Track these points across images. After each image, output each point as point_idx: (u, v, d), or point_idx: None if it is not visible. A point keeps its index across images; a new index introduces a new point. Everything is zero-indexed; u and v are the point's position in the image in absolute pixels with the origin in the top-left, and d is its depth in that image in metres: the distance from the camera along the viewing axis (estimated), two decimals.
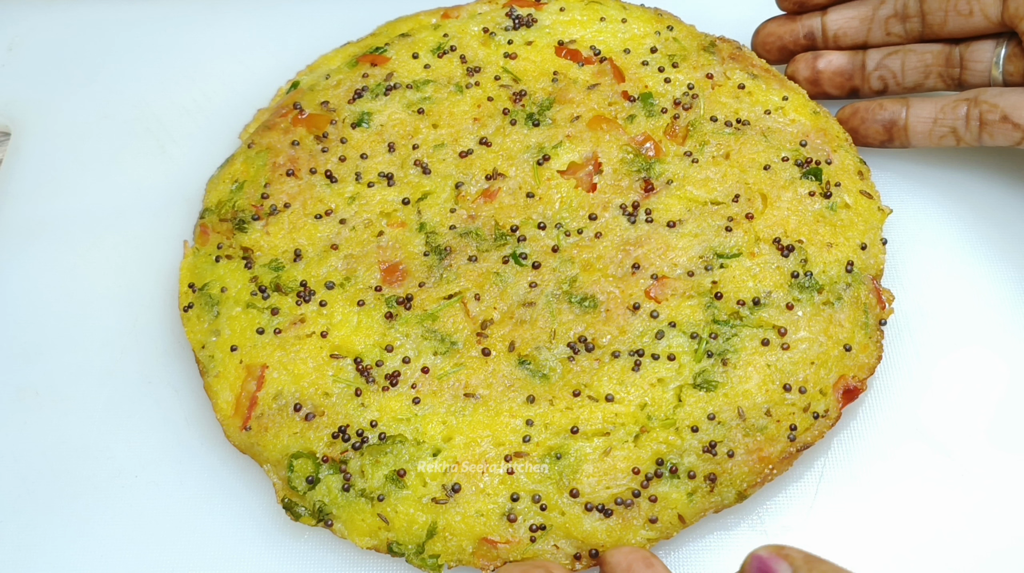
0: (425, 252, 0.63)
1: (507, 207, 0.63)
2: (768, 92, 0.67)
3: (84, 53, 0.78)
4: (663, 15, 0.71)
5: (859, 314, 0.60)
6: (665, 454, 0.56)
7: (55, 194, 0.72)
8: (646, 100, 0.66)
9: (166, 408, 0.64)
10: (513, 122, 0.66)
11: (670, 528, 0.56)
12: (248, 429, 0.59)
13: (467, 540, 0.56)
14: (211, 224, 0.66)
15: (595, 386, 0.58)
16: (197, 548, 0.59)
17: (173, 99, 0.76)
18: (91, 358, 0.66)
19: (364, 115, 0.67)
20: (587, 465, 0.56)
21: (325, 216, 0.64)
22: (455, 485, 0.56)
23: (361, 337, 0.60)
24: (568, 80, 0.67)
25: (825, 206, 0.63)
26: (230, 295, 0.62)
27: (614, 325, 0.60)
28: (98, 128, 0.75)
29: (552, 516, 0.56)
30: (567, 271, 0.61)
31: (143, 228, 0.70)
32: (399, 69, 0.69)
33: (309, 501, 0.57)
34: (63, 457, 0.62)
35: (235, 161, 0.68)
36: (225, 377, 0.61)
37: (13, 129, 0.75)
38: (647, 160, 0.64)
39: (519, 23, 0.70)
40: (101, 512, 0.61)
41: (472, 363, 0.59)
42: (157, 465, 0.62)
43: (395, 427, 0.58)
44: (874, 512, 0.58)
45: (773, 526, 0.58)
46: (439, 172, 0.65)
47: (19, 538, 0.60)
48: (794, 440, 0.57)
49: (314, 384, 0.59)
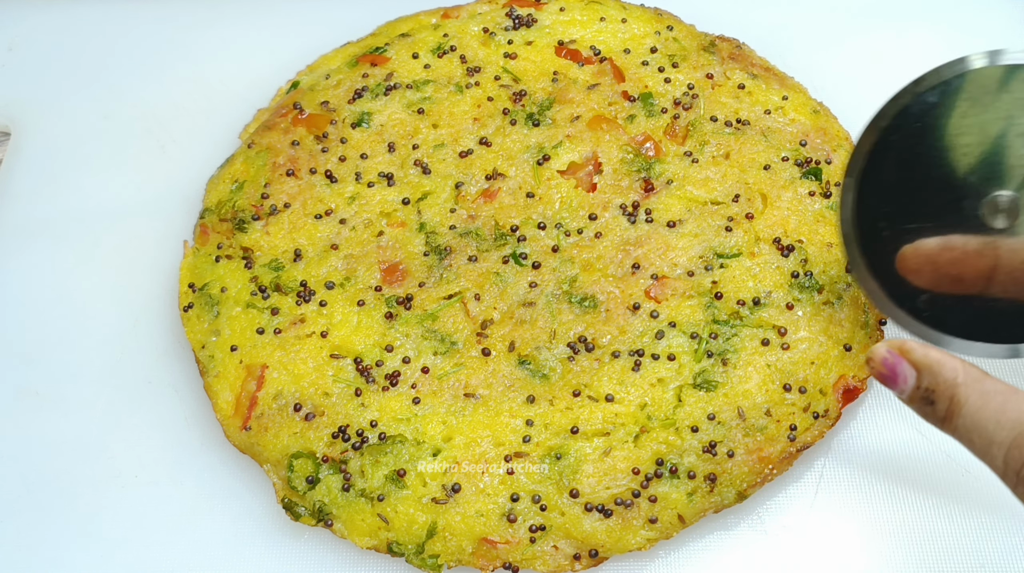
0: (425, 252, 0.63)
1: (507, 207, 0.63)
2: (768, 92, 0.67)
3: (84, 53, 0.78)
4: (663, 15, 0.71)
5: (859, 314, 0.60)
6: (665, 454, 0.56)
7: (55, 194, 0.72)
8: (646, 100, 0.66)
9: (166, 408, 0.64)
10: (513, 122, 0.66)
11: (670, 528, 0.56)
12: (248, 429, 0.59)
13: (467, 540, 0.56)
14: (211, 224, 0.66)
15: (595, 386, 0.58)
16: (197, 548, 0.59)
17: (173, 99, 0.76)
18: (91, 358, 0.66)
19: (364, 115, 0.67)
20: (587, 465, 0.56)
21: (325, 216, 0.64)
22: (455, 485, 0.56)
23: (361, 337, 0.60)
24: (568, 80, 0.67)
25: (825, 206, 0.63)
26: (230, 295, 0.62)
27: (614, 325, 0.59)
28: (98, 128, 0.75)
29: (552, 516, 0.56)
30: (567, 271, 0.61)
31: (143, 228, 0.70)
32: (399, 69, 0.69)
33: (309, 501, 0.57)
34: (63, 457, 0.62)
35: (235, 161, 0.68)
36: (225, 377, 0.61)
37: (13, 129, 0.75)
38: (647, 160, 0.64)
39: (519, 23, 0.70)
40: (101, 512, 0.61)
41: (472, 363, 0.59)
42: (157, 465, 0.62)
43: (395, 427, 0.58)
44: (874, 512, 0.58)
45: (773, 526, 0.58)
46: (439, 172, 0.65)
47: (19, 538, 0.60)
48: (794, 440, 0.57)
49: (314, 384, 0.59)
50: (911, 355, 0.46)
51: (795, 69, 0.72)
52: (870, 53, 0.74)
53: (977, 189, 0.48)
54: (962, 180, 0.49)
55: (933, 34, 0.75)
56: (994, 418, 0.42)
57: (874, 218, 0.51)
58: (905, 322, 0.51)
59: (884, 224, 0.51)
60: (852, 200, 0.51)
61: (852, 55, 0.74)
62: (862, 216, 0.51)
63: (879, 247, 0.51)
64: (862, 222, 0.51)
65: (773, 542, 0.58)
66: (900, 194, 0.50)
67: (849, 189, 0.51)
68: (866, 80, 0.72)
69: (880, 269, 0.51)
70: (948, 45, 0.74)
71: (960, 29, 0.75)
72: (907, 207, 0.50)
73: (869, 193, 0.51)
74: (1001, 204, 0.48)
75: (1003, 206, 0.48)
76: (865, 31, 0.75)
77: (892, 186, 0.50)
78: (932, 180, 0.49)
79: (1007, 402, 0.43)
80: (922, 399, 0.45)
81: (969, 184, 0.48)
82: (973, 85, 0.48)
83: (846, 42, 0.75)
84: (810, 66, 0.72)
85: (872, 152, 0.50)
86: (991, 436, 0.42)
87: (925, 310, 0.50)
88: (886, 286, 0.51)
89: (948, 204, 0.49)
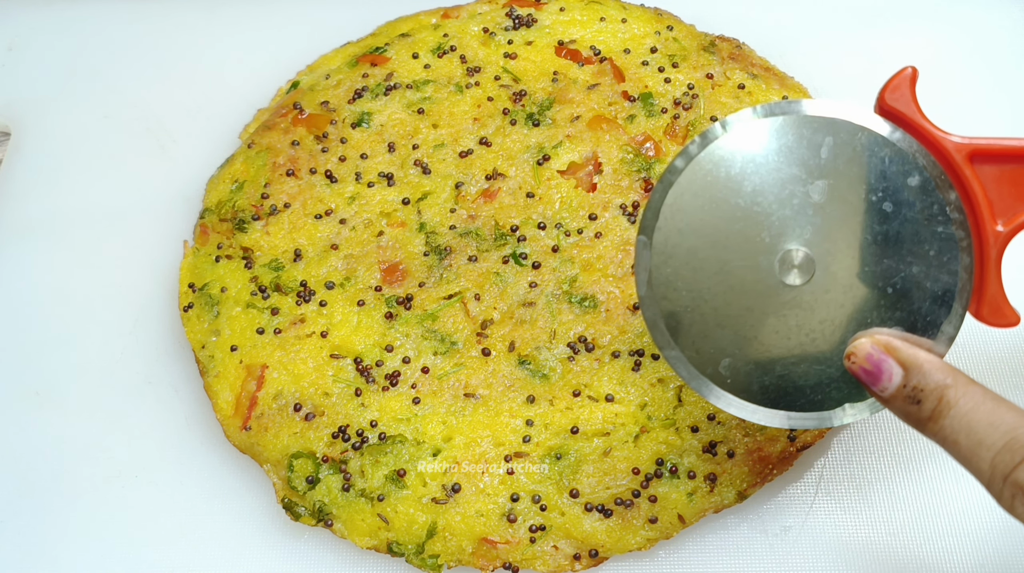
0: (425, 252, 0.63)
1: (507, 207, 0.63)
2: (768, 92, 0.67)
3: (84, 53, 0.78)
4: (663, 15, 0.71)
5: None
6: (665, 454, 0.56)
7: (55, 194, 0.72)
8: (646, 100, 0.66)
9: (166, 408, 0.64)
10: (513, 122, 0.66)
11: (670, 528, 0.56)
12: (248, 429, 0.59)
13: (467, 540, 0.56)
14: (211, 224, 0.66)
15: (595, 386, 0.58)
16: (197, 548, 0.59)
17: (173, 99, 0.76)
18: (91, 358, 0.66)
19: (364, 115, 0.67)
20: (587, 465, 0.56)
21: (325, 216, 0.64)
22: (455, 485, 0.56)
23: (361, 337, 0.60)
24: (568, 80, 0.67)
25: None
26: (230, 295, 0.62)
27: (614, 325, 0.60)
28: (98, 128, 0.75)
29: (552, 516, 0.56)
30: (567, 271, 0.61)
31: (143, 228, 0.70)
32: (399, 69, 0.69)
33: (309, 501, 0.57)
34: (63, 457, 0.62)
35: (235, 161, 0.68)
36: (225, 377, 0.61)
37: (13, 129, 0.75)
38: (647, 160, 0.64)
39: (519, 23, 0.70)
40: (101, 512, 0.61)
41: (472, 363, 0.59)
42: (157, 465, 0.62)
43: (395, 427, 0.58)
44: (874, 512, 0.58)
45: (773, 526, 0.58)
46: (439, 172, 0.65)
47: (19, 538, 0.60)
48: (794, 440, 0.57)
49: (314, 384, 0.59)
50: (898, 353, 0.45)
51: (795, 69, 0.72)
52: (870, 53, 0.74)
53: (770, 246, 0.47)
54: (752, 239, 0.47)
55: (933, 34, 0.75)
56: (987, 420, 0.42)
57: (668, 279, 0.48)
58: (707, 390, 0.48)
59: (680, 285, 0.48)
60: (647, 259, 0.48)
61: (852, 55, 0.74)
62: (654, 276, 0.48)
63: (678, 309, 0.48)
64: (655, 282, 0.48)
65: (773, 542, 0.58)
66: (693, 252, 0.48)
67: (645, 246, 0.48)
68: (866, 80, 0.72)
69: (681, 334, 0.48)
70: (948, 45, 0.74)
71: (960, 29, 0.75)
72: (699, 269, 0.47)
73: (660, 250, 0.48)
74: (793, 260, 0.46)
75: (796, 262, 0.46)
76: (865, 31, 0.75)
77: (683, 247, 0.48)
78: (724, 235, 0.47)
79: (999, 407, 0.42)
80: (907, 398, 0.44)
81: (762, 241, 0.47)
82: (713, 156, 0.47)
83: (846, 42, 0.75)
84: (810, 66, 0.72)
85: (662, 208, 0.47)
86: (981, 438, 0.42)
87: (728, 376, 0.48)
88: (687, 352, 0.48)
89: (744, 263, 0.47)
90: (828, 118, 0.47)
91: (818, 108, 0.47)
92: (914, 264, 0.46)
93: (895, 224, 0.46)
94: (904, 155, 0.46)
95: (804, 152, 0.47)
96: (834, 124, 0.47)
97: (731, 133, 0.47)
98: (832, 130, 0.47)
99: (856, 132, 0.47)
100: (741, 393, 0.48)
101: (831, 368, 0.47)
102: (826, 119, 0.47)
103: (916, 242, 0.46)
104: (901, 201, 0.46)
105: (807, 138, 0.47)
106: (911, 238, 0.46)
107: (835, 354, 0.47)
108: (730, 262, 0.47)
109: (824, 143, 0.47)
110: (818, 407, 0.48)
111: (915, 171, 0.46)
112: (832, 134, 0.47)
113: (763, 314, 0.47)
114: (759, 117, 0.47)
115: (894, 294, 0.46)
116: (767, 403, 0.48)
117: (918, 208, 0.46)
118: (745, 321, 0.47)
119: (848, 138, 0.47)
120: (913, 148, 0.46)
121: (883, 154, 0.46)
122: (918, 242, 0.46)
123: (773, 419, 0.48)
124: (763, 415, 0.48)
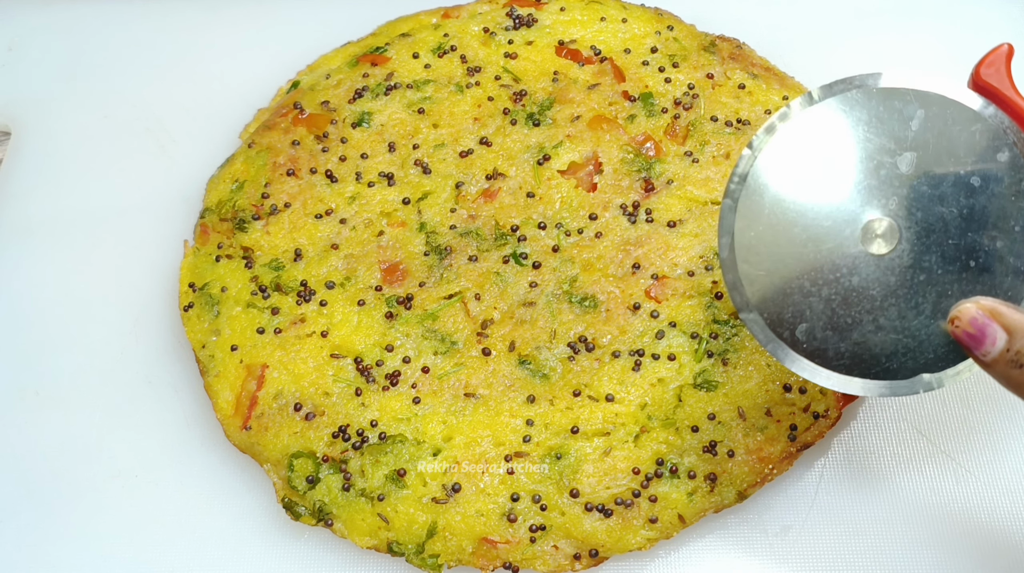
0: (425, 252, 0.63)
1: (507, 207, 0.63)
2: (768, 92, 0.67)
3: (84, 53, 0.78)
4: (663, 15, 0.71)
5: None
6: (665, 454, 0.56)
7: (55, 194, 0.72)
8: (646, 100, 0.66)
9: (166, 408, 0.64)
10: (513, 122, 0.66)
11: (670, 528, 0.56)
12: (248, 429, 0.59)
13: (467, 540, 0.56)
14: (211, 224, 0.66)
15: (595, 386, 0.58)
16: (197, 548, 0.59)
17: (173, 99, 0.76)
18: (91, 358, 0.66)
19: (364, 115, 0.67)
20: (587, 465, 0.56)
21: (325, 216, 0.64)
22: (455, 485, 0.56)
23: (361, 337, 0.60)
24: (568, 80, 0.67)
25: None
26: (230, 295, 0.62)
27: (614, 325, 0.59)
28: (98, 128, 0.75)
29: (552, 516, 0.56)
30: (567, 271, 0.61)
31: (143, 228, 0.70)
32: (399, 69, 0.69)
33: (309, 501, 0.57)
34: (63, 457, 0.62)
35: (235, 161, 0.68)
36: (225, 377, 0.61)
37: (13, 129, 0.75)
38: (647, 160, 0.64)
39: (519, 23, 0.70)
40: (101, 512, 0.61)
41: (472, 363, 0.59)
42: (157, 465, 0.62)
43: (395, 427, 0.58)
44: (874, 512, 0.58)
45: (773, 526, 0.58)
46: (439, 172, 0.65)
47: (19, 538, 0.60)
48: (794, 440, 0.57)
49: (314, 384, 0.59)
50: (1003, 318, 0.45)
51: (795, 69, 0.72)
52: (870, 53, 0.74)
53: (854, 215, 0.47)
54: (837, 207, 0.48)
55: (934, 34, 0.75)
56: None
57: (751, 243, 0.49)
58: (783, 354, 0.49)
59: (762, 249, 0.49)
60: (731, 223, 0.49)
61: (852, 55, 0.74)
62: (737, 239, 0.49)
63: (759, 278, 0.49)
64: (738, 246, 0.49)
65: (773, 542, 0.58)
66: (773, 228, 0.49)
67: (730, 210, 0.49)
68: None
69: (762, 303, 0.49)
70: (948, 45, 0.74)
71: (960, 28, 0.75)
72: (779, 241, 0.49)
73: (744, 214, 0.49)
74: (876, 229, 0.47)
75: (879, 231, 0.47)
76: (865, 31, 0.75)
77: (763, 226, 0.49)
78: (802, 212, 0.48)
79: None
80: (1010, 362, 0.45)
81: (846, 210, 0.48)
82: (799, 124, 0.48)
83: (846, 42, 0.75)
84: (810, 66, 0.72)
85: (749, 172, 0.49)
86: None
87: (804, 341, 0.49)
88: (764, 315, 0.49)
89: (828, 230, 0.48)
90: (920, 91, 0.47)
91: (911, 81, 0.48)
92: (998, 239, 0.47)
93: (981, 198, 0.47)
94: (995, 130, 0.47)
95: (894, 124, 0.47)
96: (926, 97, 0.47)
97: (824, 102, 0.48)
98: (924, 103, 0.47)
99: (948, 106, 0.47)
100: (816, 359, 0.49)
101: (908, 338, 0.47)
102: (918, 92, 0.47)
103: (1002, 217, 0.47)
104: (989, 176, 0.47)
105: (898, 110, 0.47)
106: (997, 213, 0.47)
107: (914, 324, 0.47)
108: (813, 229, 0.48)
109: (915, 115, 0.47)
110: (892, 376, 0.48)
111: (1005, 147, 0.47)
112: (924, 107, 0.47)
113: (844, 282, 0.48)
114: (851, 88, 0.48)
115: (976, 267, 0.47)
116: (841, 370, 0.48)
117: (1006, 183, 0.47)
118: (825, 288, 0.48)
119: (939, 111, 0.47)
120: (1005, 124, 0.47)
121: (974, 128, 0.47)
122: (1004, 217, 0.47)
123: (848, 385, 0.48)
124: (836, 381, 0.48)
